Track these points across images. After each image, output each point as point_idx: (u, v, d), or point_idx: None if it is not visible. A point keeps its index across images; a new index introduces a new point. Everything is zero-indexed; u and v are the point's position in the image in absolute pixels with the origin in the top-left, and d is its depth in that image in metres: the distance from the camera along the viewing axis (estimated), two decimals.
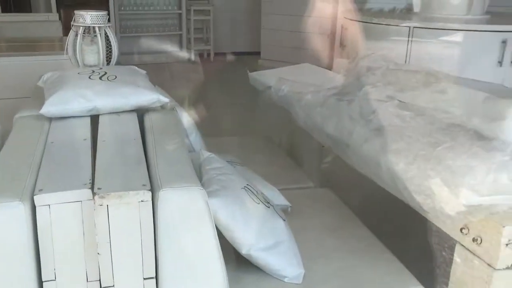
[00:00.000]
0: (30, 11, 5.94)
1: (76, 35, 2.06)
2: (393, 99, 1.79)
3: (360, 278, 1.42)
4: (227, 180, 1.38)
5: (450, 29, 3.30)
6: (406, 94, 1.78)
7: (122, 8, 6.18)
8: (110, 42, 2.14)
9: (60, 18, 4.43)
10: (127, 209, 1.07)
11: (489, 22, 3.55)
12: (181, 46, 6.66)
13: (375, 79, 2.05)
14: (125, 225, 1.08)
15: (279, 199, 1.70)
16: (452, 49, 3.35)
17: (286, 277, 1.35)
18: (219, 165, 1.47)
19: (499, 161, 1.14)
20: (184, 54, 6.63)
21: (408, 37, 3.43)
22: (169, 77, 5.96)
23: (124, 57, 6.10)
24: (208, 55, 6.78)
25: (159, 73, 6.04)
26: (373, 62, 2.37)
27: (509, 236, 1.16)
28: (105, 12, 2.08)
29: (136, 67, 2.02)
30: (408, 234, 1.66)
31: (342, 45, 3.97)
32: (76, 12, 2.05)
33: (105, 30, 2.09)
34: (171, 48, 6.67)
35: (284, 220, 1.46)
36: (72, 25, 2.07)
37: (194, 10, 6.44)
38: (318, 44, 6.09)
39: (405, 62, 3.47)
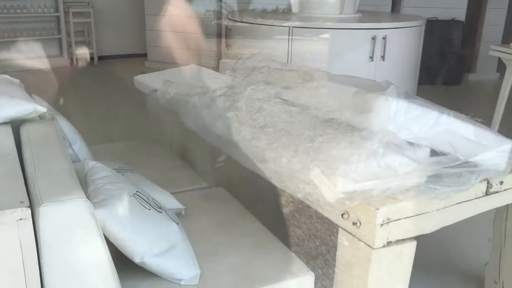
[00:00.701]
0: None
1: None
2: (277, 97, 1.87)
3: (254, 271, 1.47)
4: (115, 189, 1.35)
5: (326, 28, 3.51)
6: (288, 92, 1.88)
7: None
8: None
9: None
10: (3, 230, 1.00)
11: (360, 20, 3.84)
12: (61, 51, 6.29)
13: (260, 78, 2.13)
14: (2, 246, 1.01)
15: (172, 203, 1.69)
16: (329, 46, 3.57)
17: (182, 280, 1.36)
18: (106, 174, 1.43)
19: (369, 150, 1.25)
20: (64, 59, 6.27)
21: (289, 36, 3.59)
22: (49, 84, 5.60)
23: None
24: (92, 59, 6.49)
25: (36, 81, 5.65)
26: (257, 62, 2.45)
27: (383, 217, 1.27)
28: None
29: (8, 76, 1.88)
30: (299, 223, 1.75)
31: (227, 45, 4.04)
32: None
33: None
34: (50, 52, 6.27)
35: (178, 224, 1.46)
36: None
37: (73, 13, 6.12)
38: (205, 45, 6.13)
39: (288, 59, 3.62)
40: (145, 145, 2.45)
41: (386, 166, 1.25)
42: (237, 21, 3.90)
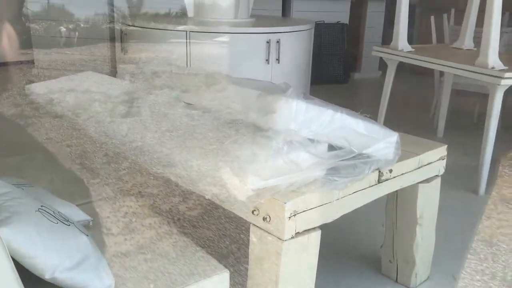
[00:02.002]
0: None
1: None
2: (180, 101, 1.90)
3: (168, 275, 1.48)
4: (18, 205, 1.29)
5: (222, 32, 3.59)
6: (191, 95, 1.91)
7: None
8: None
9: None
10: None
11: (254, 24, 3.98)
12: None
13: (161, 83, 2.14)
14: None
15: (79, 215, 1.64)
16: (226, 50, 3.65)
17: None
18: (5, 190, 1.35)
19: (275, 148, 1.33)
20: None
21: (186, 40, 3.61)
22: None
23: None
24: None
25: None
26: (156, 66, 2.45)
27: (290, 210, 1.36)
28: None
29: None
30: (209, 224, 1.80)
31: (123, 50, 3.95)
32: None
33: None
34: None
35: (87, 235, 1.43)
36: None
37: None
38: (99, 52, 5.91)
39: (187, 62, 3.64)
40: (42, 156, 2.33)
41: (290, 162, 1.34)
42: (132, 25, 3.84)
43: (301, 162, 1.35)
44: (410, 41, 3.72)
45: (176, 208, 2.12)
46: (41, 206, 1.38)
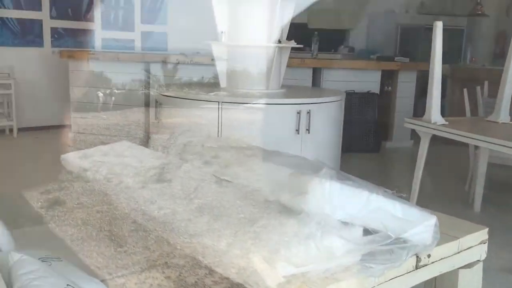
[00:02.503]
0: None
1: None
2: (211, 175, 1.89)
3: None
4: (45, 285, 1.26)
5: (252, 103, 3.66)
6: (223, 171, 1.90)
7: None
8: None
9: None
10: None
11: (285, 95, 4.03)
12: None
13: (193, 156, 2.14)
14: None
15: None
16: (257, 119, 3.69)
17: None
18: (32, 268, 1.33)
19: (307, 233, 1.29)
20: None
21: (218, 107, 3.68)
22: None
23: None
24: (11, 131, 6.20)
25: None
26: (189, 138, 2.48)
27: None
28: None
29: None
30: None
31: (157, 119, 4.04)
32: None
33: None
34: None
35: None
36: None
37: None
38: (133, 117, 6.09)
39: (218, 128, 3.67)
40: (71, 228, 2.32)
41: (324, 248, 1.28)
42: (166, 95, 3.95)
43: (335, 249, 1.29)
44: (443, 112, 3.69)
45: (202, 282, 2.05)
46: (67, 285, 1.35)
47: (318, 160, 1.63)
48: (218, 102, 3.64)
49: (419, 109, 5.76)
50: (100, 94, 6.15)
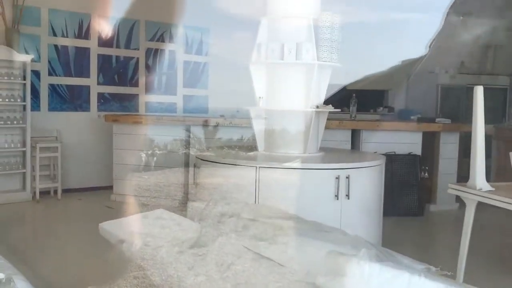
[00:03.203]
0: None
1: None
2: (247, 252, 1.84)
3: None
4: None
5: (290, 168, 3.64)
6: (258, 246, 1.86)
7: None
8: None
9: None
10: None
11: (323, 159, 4.00)
12: (24, 185, 6.19)
13: (229, 228, 2.12)
14: None
15: None
16: (295, 183, 3.65)
17: None
18: None
19: None
20: (27, 193, 6.14)
21: (256, 171, 3.67)
22: (9, 222, 5.40)
23: None
24: (55, 192, 6.38)
25: None
26: (226, 208, 2.46)
27: None
28: None
29: None
30: None
31: (195, 183, 4.07)
32: None
33: None
34: (13, 187, 6.16)
35: None
36: None
37: (40, 148, 6.15)
38: (172, 179, 6.18)
39: (255, 191, 3.64)
40: None
41: None
42: (203, 159, 3.99)
43: None
44: (488, 173, 3.53)
45: None
46: None
47: (358, 236, 1.57)
48: (255, 167, 3.64)
49: (464, 170, 5.57)
50: (143, 155, 6.30)
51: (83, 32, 6.88)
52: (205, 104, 8.05)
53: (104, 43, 7.06)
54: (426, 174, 5.97)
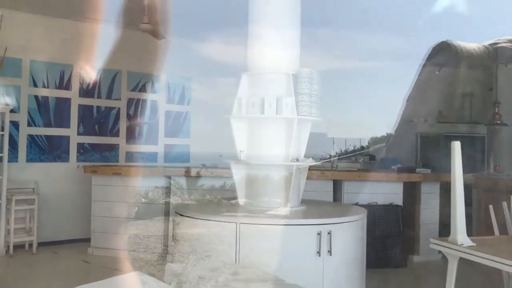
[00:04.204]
0: None
1: None
2: None
3: None
4: None
5: (270, 224, 3.59)
6: None
7: None
8: None
9: None
10: None
11: (305, 214, 3.96)
12: None
13: None
14: None
15: None
16: (276, 240, 3.58)
17: None
18: None
19: None
20: (0, 248, 5.92)
21: (236, 227, 3.60)
22: None
23: None
24: (30, 246, 6.18)
25: None
26: (204, 270, 2.39)
27: None
28: None
29: None
30: None
31: (175, 239, 3.97)
32: None
33: None
34: None
35: None
36: None
37: (16, 200, 5.99)
38: (152, 230, 6.04)
39: (236, 247, 3.55)
40: None
41: None
42: (183, 215, 3.91)
43: None
44: (469, 224, 3.50)
45: None
46: None
47: None
48: (236, 223, 3.58)
49: (446, 218, 5.57)
50: (122, 207, 6.18)
51: (64, 82, 6.88)
52: (186, 153, 8.02)
53: (85, 93, 7.06)
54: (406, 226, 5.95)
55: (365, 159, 8.08)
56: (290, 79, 4.01)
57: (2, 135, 6.00)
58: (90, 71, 7.12)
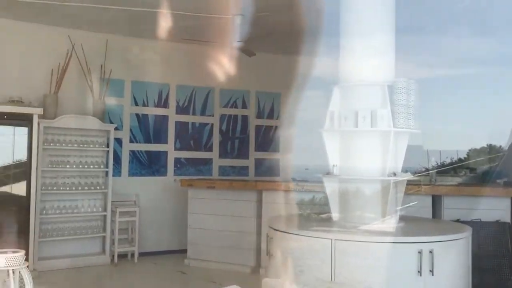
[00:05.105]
0: None
1: None
2: None
3: None
4: None
5: (368, 241, 3.47)
6: None
7: (44, 211, 6.00)
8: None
9: None
10: None
11: (403, 231, 3.79)
12: (103, 248, 6.41)
13: None
14: None
15: None
16: (373, 259, 3.45)
17: None
18: None
19: None
20: (106, 257, 6.34)
21: (331, 243, 3.53)
22: (88, 284, 5.57)
23: (41, 262, 5.74)
24: (132, 255, 6.55)
25: (76, 280, 5.65)
26: (299, 285, 2.36)
27: None
28: (21, 253, 1.97)
29: None
30: None
31: (268, 254, 3.99)
32: None
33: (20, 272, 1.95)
34: (93, 250, 6.40)
35: None
36: None
37: (120, 212, 6.40)
38: (245, 243, 6.13)
39: (331, 264, 3.48)
40: None
41: None
42: (276, 229, 3.91)
43: None
44: None
45: None
46: None
47: None
48: (331, 239, 3.51)
49: None
50: (216, 220, 6.33)
51: (162, 101, 7.27)
52: (276, 168, 8.07)
53: (181, 110, 7.40)
54: None
55: (465, 172, 7.58)
56: (385, 90, 3.89)
57: (108, 151, 6.45)
58: (185, 89, 7.46)
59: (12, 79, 6.06)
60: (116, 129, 6.63)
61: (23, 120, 5.73)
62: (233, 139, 7.85)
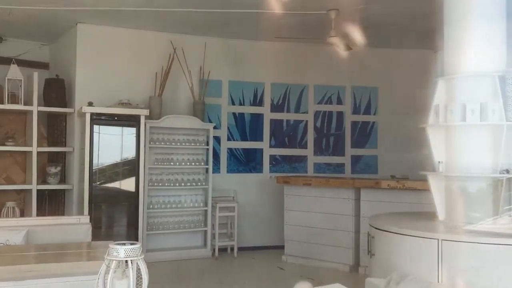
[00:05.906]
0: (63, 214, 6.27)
1: (108, 268, 2.06)
2: None
3: None
4: None
5: (478, 242, 3.25)
6: None
7: (151, 206, 6.40)
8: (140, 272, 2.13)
9: (90, 220, 4.55)
10: None
11: None
12: (205, 242, 6.70)
13: None
14: None
15: None
16: (487, 263, 3.24)
17: None
18: None
19: None
20: (207, 250, 6.62)
21: (438, 244, 3.37)
22: (192, 277, 5.84)
23: (149, 254, 6.12)
24: (232, 249, 6.76)
25: (180, 272, 5.96)
26: (408, 285, 2.28)
27: None
28: (138, 245, 2.11)
29: None
30: None
31: (370, 253, 3.90)
32: (110, 245, 2.09)
33: (137, 263, 2.10)
34: (195, 243, 6.71)
35: None
36: (105, 258, 2.09)
37: (220, 207, 6.63)
38: (342, 241, 6.06)
39: (438, 267, 3.32)
40: None
41: None
42: (378, 228, 3.81)
43: None
44: None
45: None
46: None
47: None
48: (438, 239, 3.34)
49: None
50: (312, 217, 6.32)
51: (258, 99, 7.40)
52: (374, 165, 7.86)
53: (276, 108, 7.49)
54: None
55: None
56: (496, 81, 3.63)
57: (207, 149, 6.72)
58: (280, 87, 7.52)
59: (121, 83, 6.53)
60: (214, 127, 6.87)
61: (131, 121, 6.15)
62: (328, 136, 7.78)
